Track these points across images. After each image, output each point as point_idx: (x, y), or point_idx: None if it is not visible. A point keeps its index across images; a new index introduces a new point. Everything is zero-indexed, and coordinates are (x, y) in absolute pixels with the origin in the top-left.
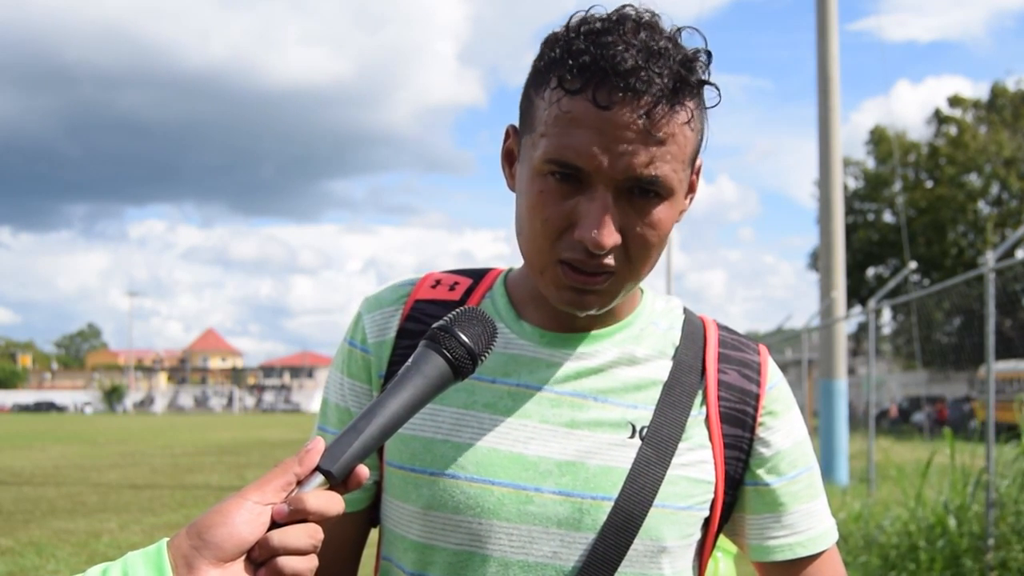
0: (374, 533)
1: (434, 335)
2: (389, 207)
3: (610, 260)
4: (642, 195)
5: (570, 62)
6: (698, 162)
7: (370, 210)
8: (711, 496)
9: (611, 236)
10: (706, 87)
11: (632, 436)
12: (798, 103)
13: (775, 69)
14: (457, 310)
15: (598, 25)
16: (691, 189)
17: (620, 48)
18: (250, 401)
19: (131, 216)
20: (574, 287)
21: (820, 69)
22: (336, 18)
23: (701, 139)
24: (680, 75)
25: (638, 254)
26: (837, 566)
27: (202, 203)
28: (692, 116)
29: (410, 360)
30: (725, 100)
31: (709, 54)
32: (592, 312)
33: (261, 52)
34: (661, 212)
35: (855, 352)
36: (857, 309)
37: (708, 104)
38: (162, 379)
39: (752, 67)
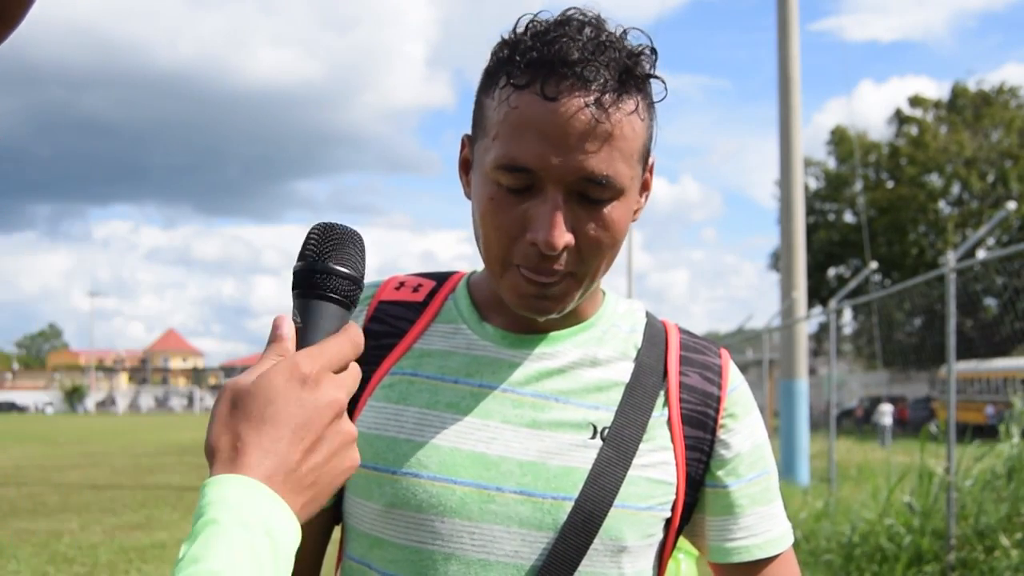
0: (336, 531)
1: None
2: (352, 207)
3: (564, 262)
4: (593, 195)
5: (517, 58)
6: (651, 159)
7: (333, 210)
8: (672, 497)
9: (562, 237)
10: (653, 83)
11: (593, 437)
12: (759, 103)
13: (734, 69)
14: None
15: (544, 26)
16: (645, 187)
17: (566, 41)
18: (211, 401)
19: (95, 216)
20: (531, 292)
21: (781, 69)
22: (306, 20)
23: (651, 135)
24: (626, 66)
25: (592, 254)
26: (793, 568)
27: (167, 203)
28: (639, 106)
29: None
30: (685, 100)
31: (654, 50)
32: (552, 316)
33: (230, 53)
34: (614, 211)
35: (816, 352)
36: (818, 309)
37: (655, 98)
38: (123, 379)
39: (711, 67)
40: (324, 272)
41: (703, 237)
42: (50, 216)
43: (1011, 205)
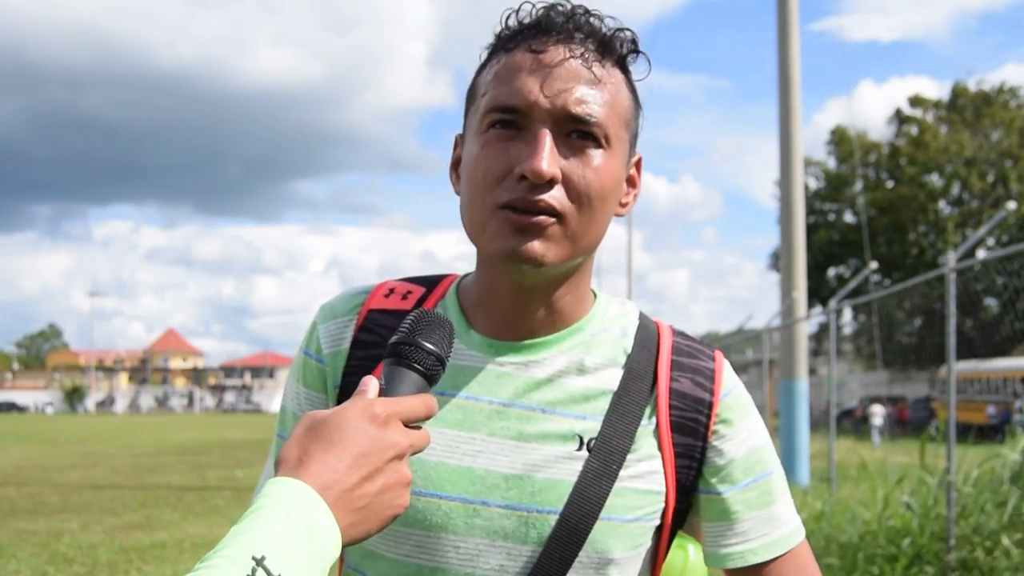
0: None
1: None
2: (352, 207)
3: (553, 199)
4: (580, 138)
5: (505, 30)
6: (637, 155)
7: (333, 210)
8: (661, 506)
9: (552, 165)
10: (636, 66)
11: (580, 448)
12: (759, 103)
13: (734, 69)
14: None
15: (531, 10)
16: (632, 184)
17: (552, 12)
18: (211, 401)
19: (95, 216)
20: (518, 228)
21: (781, 69)
22: (306, 20)
23: (636, 115)
24: (607, 36)
25: (581, 198)
26: (802, 566)
27: (167, 203)
28: (620, 73)
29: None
30: (685, 100)
31: (633, 33)
32: (537, 261)
33: (230, 53)
34: (600, 159)
35: (816, 352)
36: (818, 309)
37: (637, 77)
38: (123, 379)
39: (711, 67)
40: (413, 346)
41: (703, 237)
42: (50, 216)
43: (1011, 205)
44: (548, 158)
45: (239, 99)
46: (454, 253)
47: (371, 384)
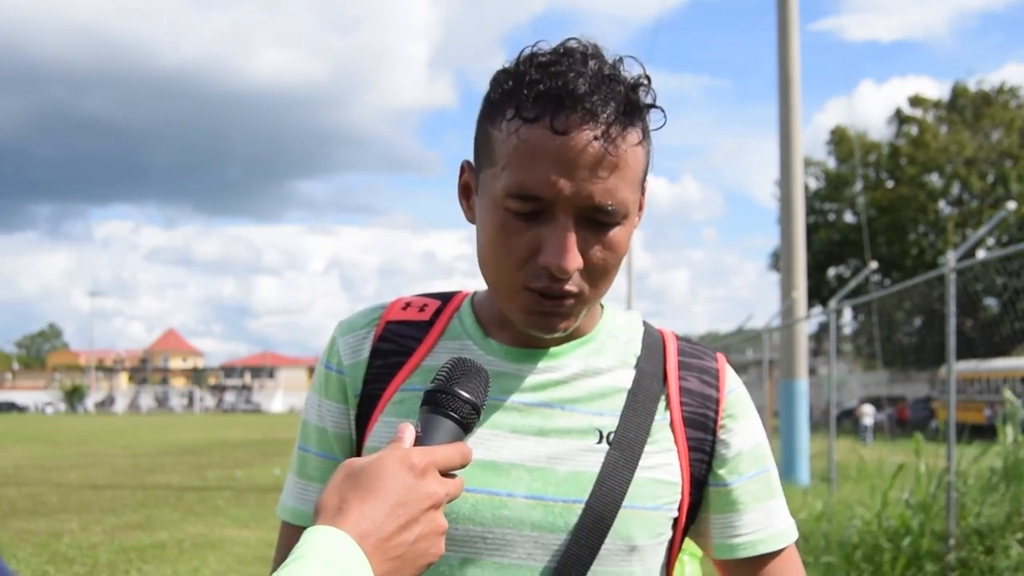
0: None
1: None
2: (353, 207)
3: (574, 284)
4: (601, 220)
5: (525, 92)
6: (646, 183)
7: (333, 210)
8: (678, 497)
9: (575, 261)
10: (652, 112)
11: (600, 441)
12: (759, 103)
13: (734, 69)
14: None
15: (548, 57)
16: (639, 207)
17: (572, 76)
18: (211, 401)
19: (96, 216)
20: (541, 311)
21: (781, 69)
22: (308, 20)
23: (649, 161)
24: (630, 98)
25: (599, 276)
26: (796, 564)
27: (167, 203)
28: (643, 138)
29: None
30: (685, 100)
31: (650, 79)
32: (558, 334)
33: (232, 53)
34: (618, 235)
35: (816, 352)
36: (818, 309)
37: (653, 126)
38: (123, 379)
39: (711, 67)
40: (449, 394)
41: (703, 237)
42: (50, 216)
43: (1011, 205)
44: (573, 254)
45: (240, 99)
46: (454, 253)
47: (407, 432)
